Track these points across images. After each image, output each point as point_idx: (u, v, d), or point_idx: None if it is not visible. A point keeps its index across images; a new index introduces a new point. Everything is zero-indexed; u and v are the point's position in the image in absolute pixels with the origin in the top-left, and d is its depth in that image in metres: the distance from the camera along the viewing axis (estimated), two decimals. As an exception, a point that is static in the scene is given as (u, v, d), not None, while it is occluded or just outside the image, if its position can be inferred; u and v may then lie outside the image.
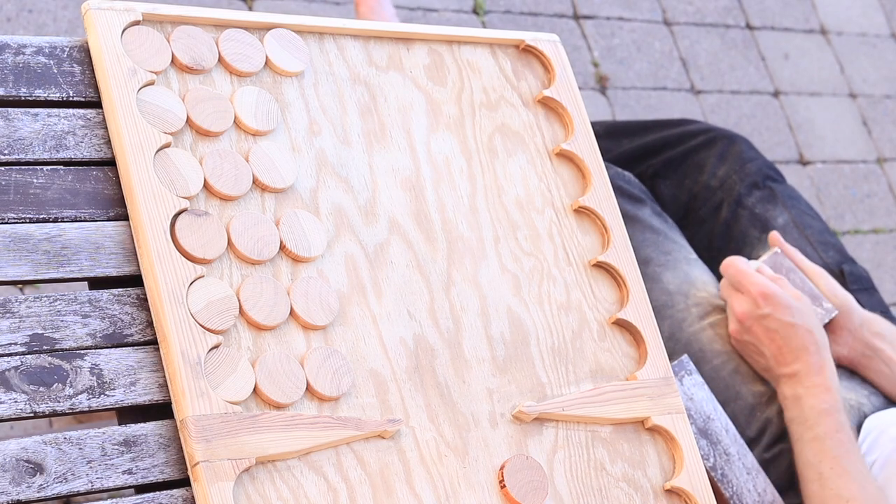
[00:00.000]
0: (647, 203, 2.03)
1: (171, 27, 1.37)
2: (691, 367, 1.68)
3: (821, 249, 2.05)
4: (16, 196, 1.25)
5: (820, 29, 3.53)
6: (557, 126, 1.58)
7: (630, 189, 2.02)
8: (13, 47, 1.30)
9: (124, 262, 1.27)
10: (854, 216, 3.26)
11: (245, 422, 1.22)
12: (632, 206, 1.99)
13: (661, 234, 1.98)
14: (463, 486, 1.32)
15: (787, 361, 1.77)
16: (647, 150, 2.15)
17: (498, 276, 1.45)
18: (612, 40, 3.13)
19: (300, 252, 1.33)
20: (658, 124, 2.20)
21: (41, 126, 1.29)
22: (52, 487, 1.15)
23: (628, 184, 2.03)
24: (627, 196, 2.00)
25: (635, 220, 1.98)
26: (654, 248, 1.97)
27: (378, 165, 1.43)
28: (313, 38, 1.46)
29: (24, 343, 1.19)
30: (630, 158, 2.13)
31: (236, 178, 1.33)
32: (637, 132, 2.19)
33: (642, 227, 1.98)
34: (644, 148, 2.15)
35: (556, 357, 1.44)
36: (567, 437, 1.40)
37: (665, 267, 1.95)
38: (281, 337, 1.29)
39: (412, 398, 1.33)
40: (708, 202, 2.11)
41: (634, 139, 2.17)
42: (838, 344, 1.88)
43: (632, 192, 2.02)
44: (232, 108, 1.36)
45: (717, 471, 1.65)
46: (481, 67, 1.56)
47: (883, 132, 3.45)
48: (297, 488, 1.23)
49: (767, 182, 2.10)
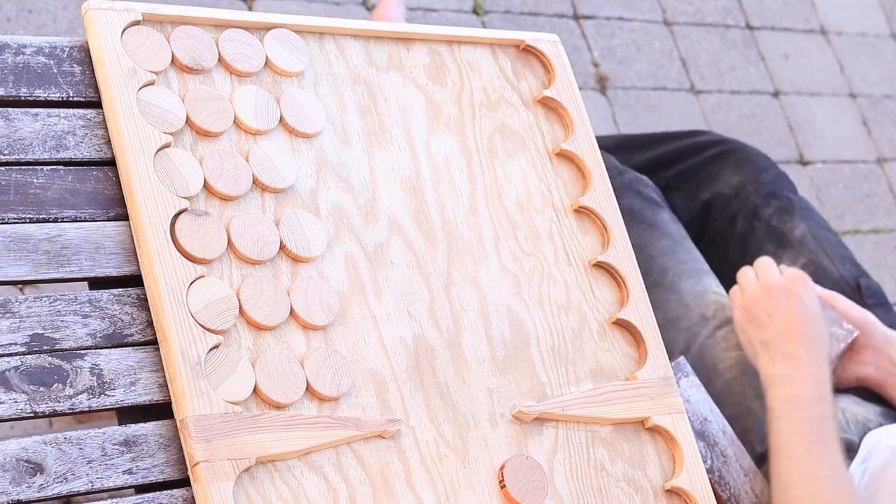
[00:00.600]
0: (666, 209, 2.02)
1: (171, 27, 1.37)
2: (688, 369, 1.68)
3: (838, 262, 2.04)
4: (16, 196, 1.25)
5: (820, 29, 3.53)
6: (557, 126, 1.58)
7: (650, 194, 2.02)
8: (13, 47, 1.30)
9: (124, 262, 1.27)
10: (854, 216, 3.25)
11: (245, 422, 1.22)
12: (651, 211, 1.99)
13: (677, 242, 1.98)
14: (463, 486, 1.32)
15: (794, 342, 1.73)
16: (659, 162, 2.15)
17: (498, 276, 1.45)
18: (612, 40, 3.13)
19: (300, 252, 1.33)
20: (669, 136, 2.20)
21: (41, 126, 1.29)
22: (53, 487, 1.15)
23: (647, 188, 2.03)
24: (648, 201, 2.00)
25: (655, 226, 1.97)
26: (671, 256, 1.96)
27: (378, 165, 1.43)
28: (313, 38, 1.46)
29: (24, 343, 1.19)
30: (642, 171, 2.13)
31: (236, 178, 1.33)
32: (648, 145, 2.18)
33: (660, 234, 1.97)
34: (655, 160, 2.15)
35: (556, 357, 1.44)
36: (567, 437, 1.40)
37: (682, 276, 1.94)
38: (281, 337, 1.29)
39: (412, 398, 1.33)
40: (722, 214, 2.10)
41: (646, 152, 2.16)
42: (864, 363, 1.85)
43: (651, 197, 2.01)
44: (232, 108, 1.36)
45: (715, 473, 1.64)
46: (481, 67, 1.56)
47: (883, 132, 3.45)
48: (297, 488, 1.23)
49: (784, 193, 2.09)
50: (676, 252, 1.97)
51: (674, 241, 1.98)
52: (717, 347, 1.89)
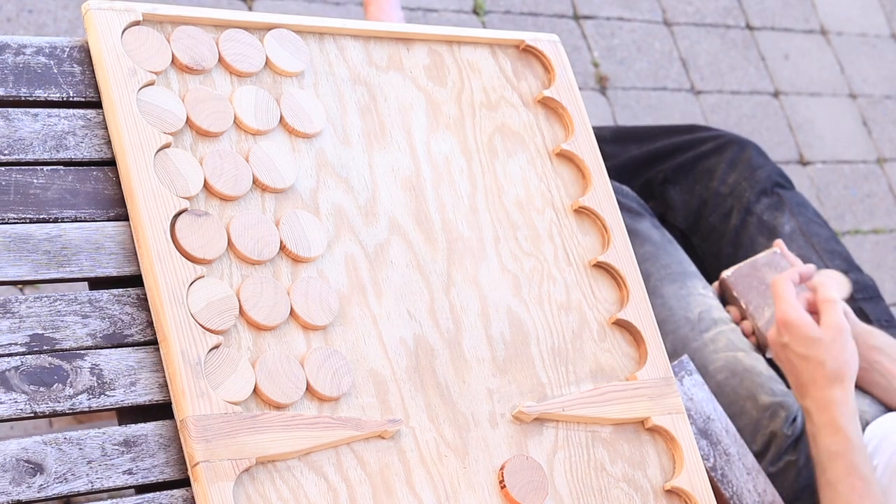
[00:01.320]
0: (646, 216, 2.03)
1: (171, 27, 1.37)
2: (691, 367, 1.68)
3: (826, 258, 2.04)
4: (16, 196, 1.25)
5: (820, 29, 3.54)
6: (557, 126, 1.58)
7: (628, 203, 2.02)
8: (13, 47, 1.30)
9: (124, 262, 1.27)
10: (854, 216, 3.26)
11: (245, 422, 1.22)
12: (630, 219, 1.99)
13: (659, 247, 1.99)
14: (463, 487, 1.32)
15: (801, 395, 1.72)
16: (657, 155, 2.15)
17: (498, 276, 1.45)
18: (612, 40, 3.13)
19: (300, 252, 1.33)
20: (667, 130, 2.20)
21: (41, 126, 1.29)
22: (53, 487, 1.15)
23: (626, 197, 2.04)
24: (626, 209, 2.00)
25: (634, 233, 1.98)
26: (653, 261, 1.97)
27: (378, 165, 1.43)
28: (313, 38, 1.46)
29: (24, 343, 1.19)
30: (639, 164, 2.13)
31: (236, 178, 1.33)
32: (645, 138, 2.19)
33: (641, 241, 1.98)
34: (653, 153, 2.15)
35: (556, 357, 1.44)
36: (567, 437, 1.40)
37: (664, 281, 1.95)
38: (281, 337, 1.29)
39: (412, 398, 1.33)
40: (718, 209, 2.11)
41: (643, 145, 2.17)
42: None
43: (630, 206, 2.02)
44: (232, 108, 1.36)
45: (717, 471, 1.65)
46: (481, 67, 1.56)
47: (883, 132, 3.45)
48: (297, 488, 1.23)
49: (776, 189, 2.10)
50: (658, 257, 1.97)
51: (655, 246, 1.98)
52: (705, 350, 1.90)
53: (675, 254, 2.00)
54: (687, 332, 1.91)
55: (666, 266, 1.96)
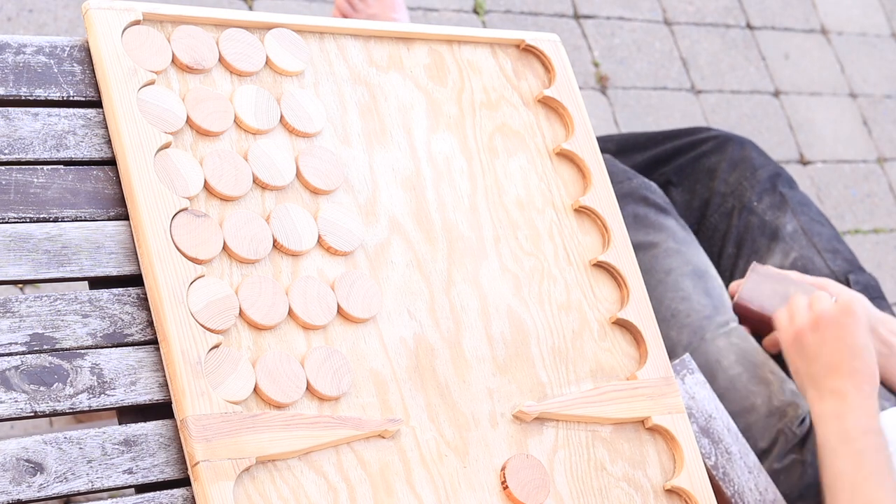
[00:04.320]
0: (672, 213, 2.03)
1: (171, 27, 1.37)
2: (693, 366, 1.68)
3: (828, 258, 2.04)
4: (16, 196, 1.25)
5: (820, 29, 3.53)
6: (558, 126, 1.58)
7: (656, 199, 2.02)
8: (13, 47, 1.30)
9: (124, 261, 1.27)
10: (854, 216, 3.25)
11: (245, 421, 1.22)
12: (657, 215, 1.99)
13: (683, 243, 1.99)
14: (463, 486, 1.32)
15: (841, 377, 1.71)
16: (659, 159, 2.16)
17: (498, 275, 1.45)
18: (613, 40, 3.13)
19: (290, 246, 1.33)
20: (669, 135, 2.21)
21: (41, 126, 1.29)
22: (53, 487, 1.15)
23: (654, 194, 2.03)
24: (654, 206, 2.00)
25: (662, 229, 1.98)
26: (676, 257, 1.97)
27: (378, 165, 1.43)
28: (313, 37, 1.46)
29: (24, 343, 1.19)
30: (642, 170, 2.14)
31: (236, 178, 1.33)
32: (648, 145, 2.19)
33: (666, 236, 1.98)
34: (656, 158, 2.16)
35: (557, 357, 1.44)
36: (567, 436, 1.40)
37: (686, 276, 1.95)
38: (281, 336, 1.29)
39: (412, 398, 1.33)
40: (719, 209, 2.11)
41: (646, 152, 2.17)
42: None
43: (657, 203, 2.02)
44: (232, 107, 1.36)
45: (719, 469, 1.65)
46: (482, 67, 1.56)
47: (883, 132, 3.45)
48: (297, 488, 1.23)
49: (778, 188, 2.10)
50: (682, 252, 1.97)
51: (679, 242, 1.98)
52: (720, 343, 1.90)
53: (698, 252, 2.01)
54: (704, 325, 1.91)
55: (688, 262, 1.97)
